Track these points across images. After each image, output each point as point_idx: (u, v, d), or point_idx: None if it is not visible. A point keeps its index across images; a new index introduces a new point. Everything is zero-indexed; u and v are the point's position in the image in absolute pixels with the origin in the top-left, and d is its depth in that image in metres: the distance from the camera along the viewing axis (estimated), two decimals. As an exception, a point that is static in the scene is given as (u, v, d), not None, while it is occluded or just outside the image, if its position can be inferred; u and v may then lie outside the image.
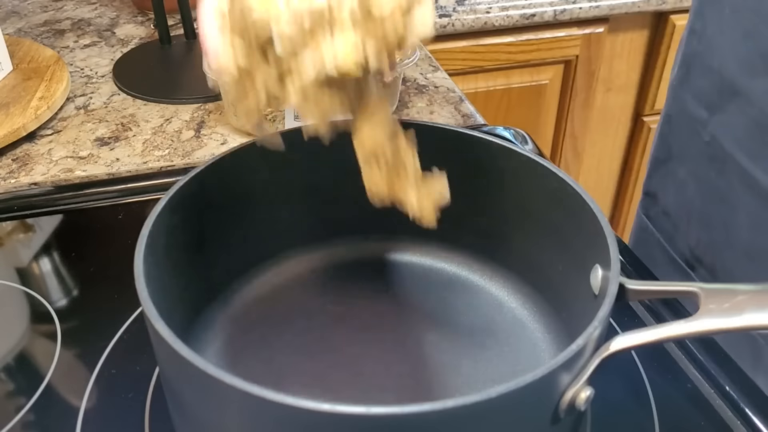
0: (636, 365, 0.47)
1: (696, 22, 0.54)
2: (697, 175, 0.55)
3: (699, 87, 0.54)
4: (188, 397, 0.36)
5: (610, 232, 0.38)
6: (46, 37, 0.90)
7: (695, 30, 0.54)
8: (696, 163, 0.54)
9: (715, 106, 0.52)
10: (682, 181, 0.57)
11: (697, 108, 0.54)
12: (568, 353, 0.32)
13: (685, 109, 0.55)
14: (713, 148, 0.52)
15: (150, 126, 0.73)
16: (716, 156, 0.52)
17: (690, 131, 0.55)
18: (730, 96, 0.50)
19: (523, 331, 0.47)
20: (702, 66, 0.53)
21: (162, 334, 0.33)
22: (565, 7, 1.14)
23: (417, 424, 0.30)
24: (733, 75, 0.49)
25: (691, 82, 0.55)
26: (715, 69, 0.51)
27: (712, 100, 0.52)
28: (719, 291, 0.35)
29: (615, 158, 1.40)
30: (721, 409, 0.44)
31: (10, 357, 0.48)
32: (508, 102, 1.24)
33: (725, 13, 0.50)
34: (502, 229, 0.48)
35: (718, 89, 0.51)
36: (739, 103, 0.49)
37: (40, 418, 0.44)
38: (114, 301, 0.52)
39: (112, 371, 0.47)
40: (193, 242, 0.44)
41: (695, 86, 0.54)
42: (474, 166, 0.47)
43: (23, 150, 0.69)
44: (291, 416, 0.30)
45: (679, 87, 0.56)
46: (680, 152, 0.57)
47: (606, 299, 0.35)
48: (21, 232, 0.60)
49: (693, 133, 0.54)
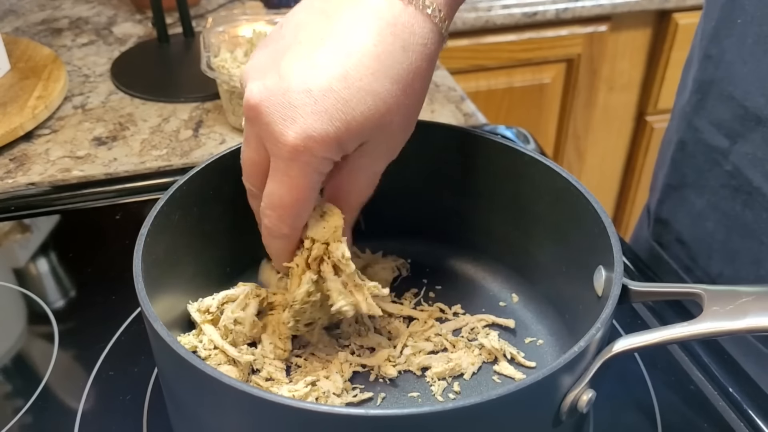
0: (639, 367, 0.47)
1: (711, 48, 0.52)
2: (718, 207, 0.53)
3: (717, 115, 0.52)
4: (187, 398, 0.35)
5: (613, 232, 0.38)
6: (43, 35, 0.90)
7: (711, 56, 0.52)
8: (717, 194, 0.52)
9: (737, 134, 0.50)
10: (700, 211, 0.55)
11: (715, 136, 0.52)
12: (570, 355, 0.31)
13: (702, 137, 0.53)
14: (737, 179, 0.50)
15: (148, 125, 0.73)
16: (741, 187, 0.50)
17: (708, 160, 0.53)
18: (754, 125, 0.48)
19: (526, 332, 0.47)
20: (720, 94, 0.51)
21: (161, 334, 0.32)
22: (567, 5, 1.14)
23: (417, 425, 0.30)
24: (758, 105, 0.47)
25: (707, 110, 0.53)
26: (737, 98, 0.49)
27: (734, 129, 0.50)
28: (723, 293, 0.35)
29: (618, 158, 1.40)
30: (724, 410, 0.44)
31: (7, 358, 0.48)
32: (510, 101, 1.23)
33: (747, 43, 0.48)
34: (504, 228, 0.48)
35: (740, 118, 0.49)
36: (764, 133, 0.47)
37: (37, 420, 0.44)
38: (112, 302, 0.51)
39: (110, 372, 0.46)
40: (192, 242, 0.44)
41: (713, 114, 0.52)
42: (476, 165, 0.47)
43: (20, 150, 0.69)
44: (289, 417, 0.30)
45: (694, 114, 0.54)
46: (697, 181, 0.55)
47: (609, 301, 0.34)
48: (18, 233, 0.60)
49: (712, 162, 0.53)
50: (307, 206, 0.37)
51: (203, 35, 0.71)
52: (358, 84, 0.34)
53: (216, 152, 0.47)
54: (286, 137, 0.34)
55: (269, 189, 0.36)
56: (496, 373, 0.44)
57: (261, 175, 0.37)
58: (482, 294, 0.49)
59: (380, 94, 0.34)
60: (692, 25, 0.56)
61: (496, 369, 0.44)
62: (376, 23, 0.34)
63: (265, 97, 0.34)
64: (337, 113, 0.34)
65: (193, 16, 0.89)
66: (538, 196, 0.44)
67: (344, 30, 0.34)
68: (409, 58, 0.35)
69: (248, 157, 0.38)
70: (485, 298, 0.49)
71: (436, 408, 0.29)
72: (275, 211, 0.37)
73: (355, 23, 0.34)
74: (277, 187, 0.36)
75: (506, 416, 0.32)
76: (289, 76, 0.34)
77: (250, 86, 0.35)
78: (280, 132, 0.34)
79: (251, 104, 0.35)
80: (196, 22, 0.90)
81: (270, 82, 0.34)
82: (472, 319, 0.47)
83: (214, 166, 0.44)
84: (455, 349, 0.45)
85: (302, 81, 0.34)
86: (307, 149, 0.34)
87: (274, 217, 0.37)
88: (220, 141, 0.71)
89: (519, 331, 0.47)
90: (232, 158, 0.44)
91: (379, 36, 0.34)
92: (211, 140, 0.71)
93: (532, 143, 0.71)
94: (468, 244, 0.50)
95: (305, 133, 0.33)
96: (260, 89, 0.34)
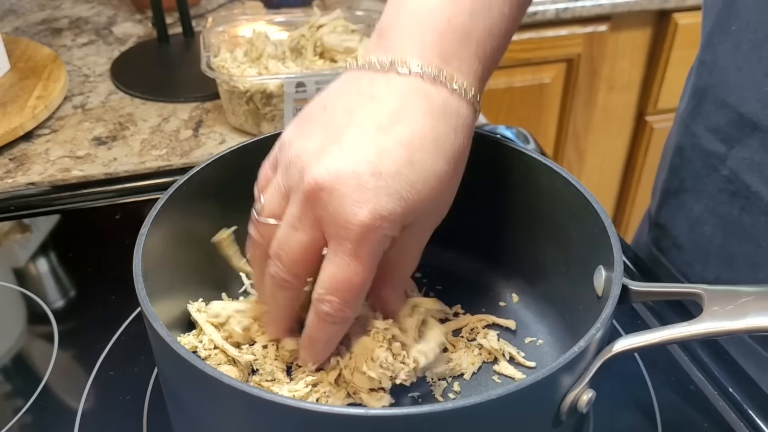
0: (639, 367, 0.47)
1: (706, 54, 0.52)
2: (716, 211, 0.53)
3: (713, 120, 0.52)
4: (187, 398, 0.35)
5: (613, 233, 0.38)
6: (43, 35, 0.90)
7: (705, 62, 0.52)
8: (714, 199, 0.52)
9: (734, 140, 0.50)
10: (697, 216, 0.55)
11: (712, 142, 0.52)
12: (570, 355, 0.31)
13: (699, 142, 0.53)
14: (734, 183, 0.50)
15: (148, 125, 0.73)
16: (738, 192, 0.50)
17: (705, 165, 0.53)
18: (750, 131, 0.48)
19: (526, 332, 0.47)
20: (716, 99, 0.51)
21: (161, 334, 0.32)
22: (567, 5, 1.14)
23: (417, 426, 0.30)
24: (754, 111, 0.47)
25: (703, 115, 0.53)
26: (731, 104, 0.49)
27: (730, 134, 0.50)
28: (723, 293, 0.35)
29: (618, 158, 1.40)
30: (724, 410, 0.44)
31: (7, 359, 0.48)
32: (510, 101, 1.23)
33: (742, 49, 0.48)
34: (505, 228, 0.48)
35: (736, 123, 0.49)
36: (761, 138, 0.48)
37: (37, 420, 0.44)
38: (112, 302, 0.51)
39: (110, 372, 0.46)
40: (192, 242, 0.44)
41: (709, 120, 0.52)
42: (476, 165, 0.46)
43: (20, 149, 0.69)
44: (289, 417, 0.30)
45: (691, 119, 0.54)
46: (695, 186, 0.55)
47: (609, 301, 0.34)
48: (18, 233, 0.60)
49: (709, 167, 0.53)
50: (368, 288, 0.37)
51: (203, 35, 0.71)
52: (421, 167, 0.35)
53: (216, 152, 0.47)
54: (358, 218, 0.34)
55: (330, 273, 0.35)
56: (496, 373, 0.44)
57: (311, 263, 0.37)
58: (482, 294, 0.49)
59: (439, 174, 0.36)
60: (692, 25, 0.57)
61: (496, 369, 0.44)
62: (429, 107, 0.36)
63: (336, 179, 0.34)
64: (405, 194, 0.35)
65: (193, 16, 0.89)
66: (538, 196, 0.44)
67: (401, 113, 0.35)
68: (459, 138, 0.37)
69: (298, 241, 0.36)
70: (485, 298, 0.49)
71: (436, 408, 0.29)
72: (341, 296, 0.36)
73: (410, 107, 0.36)
74: (343, 270, 0.35)
75: (506, 416, 0.32)
76: (356, 159, 0.34)
77: (314, 168, 0.34)
78: (352, 213, 0.34)
79: (320, 185, 0.34)
80: (196, 22, 0.90)
81: (337, 165, 0.34)
82: (472, 319, 0.47)
83: (214, 166, 0.44)
84: (455, 349, 0.45)
85: (372, 165, 0.34)
86: (378, 228, 0.34)
87: (337, 302, 0.36)
88: (220, 141, 0.71)
89: (519, 331, 0.47)
90: (232, 158, 0.44)
91: (433, 120, 0.36)
92: (211, 140, 0.71)
93: (532, 143, 0.71)
94: (468, 244, 0.50)
95: (378, 213, 0.34)
96: (328, 171, 0.34)
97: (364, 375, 0.39)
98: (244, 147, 0.45)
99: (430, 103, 0.36)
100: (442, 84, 0.36)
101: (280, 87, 0.66)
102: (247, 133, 0.71)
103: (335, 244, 0.35)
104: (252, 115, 0.68)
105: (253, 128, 0.70)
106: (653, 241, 0.62)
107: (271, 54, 0.70)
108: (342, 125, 0.36)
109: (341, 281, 0.35)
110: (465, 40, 0.38)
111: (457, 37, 0.37)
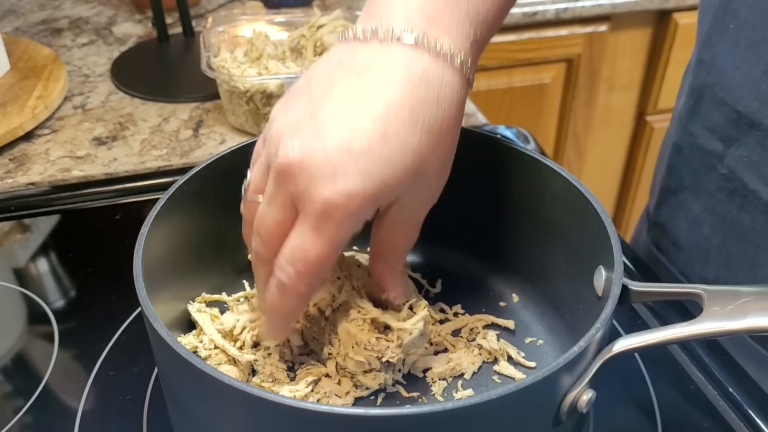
0: (639, 367, 0.47)
1: (704, 52, 0.52)
2: (714, 211, 0.52)
3: (711, 119, 0.52)
4: (187, 398, 0.35)
5: (613, 232, 0.38)
6: (43, 35, 0.90)
7: (703, 61, 0.52)
8: (713, 198, 0.52)
9: (731, 138, 0.50)
10: (696, 215, 0.55)
11: (710, 140, 0.52)
12: (570, 355, 0.31)
13: (697, 141, 0.53)
14: (732, 182, 0.50)
15: (148, 125, 0.73)
16: (736, 191, 0.50)
17: (704, 164, 0.53)
18: (748, 129, 0.48)
19: (526, 332, 0.47)
20: (713, 98, 0.51)
21: (161, 334, 0.32)
22: (567, 5, 1.14)
23: (417, 426, 0.30)
24: (751, 109, 0.47)
25: (701, 114, 0.53)
26: (729, 102, 0.49)
27: (728, 133, 0.50)
28: (723, 293, 0.35)
29: (618, 158, 1.40)
30: (724, 410, 0.44)
31: (7, 358, 0.48)
32: (510, 101, 1.23)
33: (740, 48, 0.48)
34: (504, 228, 0.48)
35: (734, 122, 0.49)
36: (758, 136, 0.47)
37: (37, 420, 0.44)
38: (112, 302, 0.51)
39: (110, 373, 0.46)
40: (192, 242, 0.44)
41: (707, 118, 0.52)
42: (476, 165, 0.46)
43: (20, 150, 0.69)
44: (289, 417, 0.30)
45: (689, 119, 0.54)
46: (694, 186, 0.55)
47: (609, 301, 0.34)
48: (18, 233, 0.60)
49: (707, 166, 0.53)
50: (328, 266, 0.36)
51: (203, 35, 0.71)
52: (396, 140, 0.34)
53: (216, 152, 0.47)
54: (324, 194, 0.33)
55: (293, 243, 0.35)
56: (496, 373, 0.44)
57: (282, 237, 0.36)
58: (482, 294, 0.49)
59: (416, 148, 0.35)
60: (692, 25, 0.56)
61: (496, 369, 0.44)
62: (408, 76, 0.35)
63: (306, 155, 0.34)
64: (377, 171, 0.34)
65: (193, 16, 0.89)
66: (538, 196, 0.44)
67: (378, 85, 0.35)
68: (442, 107, 0.35)
69: (272, 217, 0.36)
70: (485, 298, 0.49)
71: (436, 408, 0.29)
72: (295, 267, 0.35)
73: (387, 77, 0.35)
74: (301, 242, 0.35)
75: (506, 416, 0.32)
76: (328, 134, 0.34)
77: (287, 143, 0.34)
78: (317, 189, 0.33)
79: (290, 161, 0.34)
80: (196, 22, 0.90)
81: (309, 141, 0.34)
82: (471, 319, 0.47)
83: (214, 166, 0.44)
84: (455, 349, 0.45)
85: (343, 140, 0.34)
86: (343, 206, 0.33)
87: (293, 273, 0.35)
88: (220, 141, 0.71)
89: (519, 331, 0.47)
90: (232, 158, 0.44)
91: (412, 89, 0.34)
92: (211, 140, 0.71)
93: (532, 143, 0.71)
94: (468, 245, 0.50)
95: (344, 191, 0.33)
96: (300, 147, 0.34)
97: (354, 360, 0.40)
98: (244, 147, 0.45)
99: (408, 70, 0.35)
100: (424, 49, 0.35)
101: (280, 87, 0.66)
102: (247, 133, 0.71)
103: (301, 218, 0.35)
104: (252, 115, 0.68)
105: (253, 128, 0.70)
106: (652, 241, 0.62)
107: (271, 54, 0.70)
108: (319, 100, 0.35)
109: (298, 253, 0.35)
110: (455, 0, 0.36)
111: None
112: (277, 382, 0.42)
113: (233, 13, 0.77)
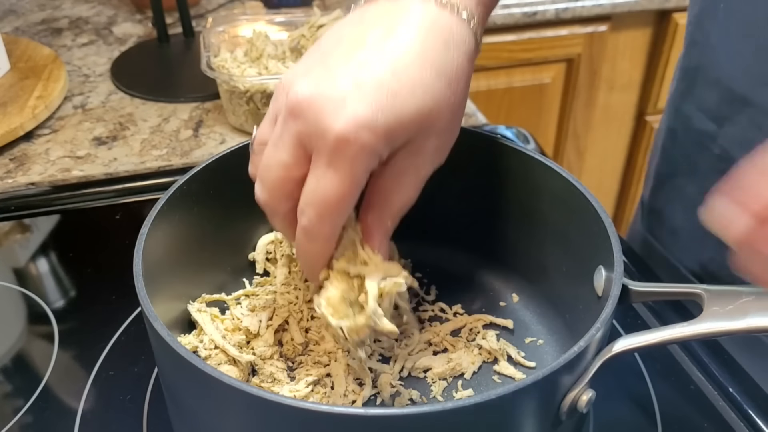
0: (639, 367, 0.47)
1: (696, 33, 0.53)
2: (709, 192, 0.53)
3: (704, 99, 0.52)
4: (187, 398, 0.35)
5: (613, 232, 0.38)
6: (43, 35, 0.90)
7: (696, 41, 0.53)
8: (707, 179, 0.53)
9: (724, 118, 0.50)
10: (691, 198, 0.55)
11: (703, 121, 0.52)
12: (570, 355, 0.31)
13: (690, 123, 0.54)
14: (726, 162, 0.51)
15: (148, 125, 0.73)
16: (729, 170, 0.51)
17: (697, 145, 0.54)
18: (741, 107, 0.49)
19: (526, 332, 0.47)
20: (706, 78, 0.52)
21: (161, 334, 0.32)
22: (567, 5, 1.14)
23: (417, 426, 0.30)
24: (744, 87, 0.48)
25: (695, 95, 0.53)
26: (722, 81, 0.50)
27: (721, 112, 0.51)
28: (723, 293, 0.35)
29: (618, 158, 1.40)
30: (724, 410, 0.44)
31: (7, 358, 0.48)
32: (510, 101, 1.23)
33: (731, 28, 0.48)
34: (505, 228, 0.48)
35: (727, 101, 0.50)
36: (750, 114, 0.48)
37: (37, 420, 0.44)
38: (112, 302, 0.51)
39: (110, 373, 0.46)
40: (192, 242, 0.44)
41: (700, 99, 0.53)
42: (476, 164, 0.46)
43: (20, 150, 0.69)
44: (289, 417, 0.30)
45: (681, 100, 0.55)
46: (688, 168, 0.55)
47: (609, 301, 0.34)
48: (18, 233, 0.60)
49: (701, 147, 0.53)
50: (350, 204, 0.35)
51: (203, 35, 0.71)
52: (406, 76, 0.34)
53: (216, 152, 0.47)
54: (335, 125, 0.33)
55: (310, 186, 0.34)
56: (496, 373, 0.44)
57: (292, 183, 0.35)
58: (482, 294, 0.49)
59: (427, 86, 0.35)
60: (692, 25, 0.57)
61: (496, 369, 0.44)
62: (416, 22, 0.35)
63: (314, 91, 0.33)
64: (387, 104, 0.33)
65: (193, 16, 0.89)
66: (538, 196, 0.44)
67: (388, 31, 0.35)
68: (451, 54, 0.36)
69: (277, 160, 0.35)
70: (485, 298, 0.49)
71: (436, 408, 0.29)
72: (316, 209, 0.35)
73: (396, 24, 0.35)
74: (318, 183, 0.34)
75: (506, 416, 0.32)
76: (337, 72, 0.34)
77: (296, 85, 0.34)
78: (329, 122, 0.33)
79: (299, 98, 0.34)
80: (196, 22, 0.90)
81: (319, 80, 0.34)
82: (471, 319, 0.47)
83: (214, 166, 0.44)
84: (455, 349, 0.45)
85: (352, 76, 0.34)
86: (356, 139, 0.33)
87: (313, 215, 0.35)
88: (220, 141, 0.71)
89: (519, 331, 0.47)
90: (232, 158, 0.44)
91: (421, 33, 0.35)
92: (211, 140, 0.71)
93: (532, 143, 0.71)
94: (468, 244, 0.50)
95: (355, 121, 0.33)
96: (309, 86, 0.34)
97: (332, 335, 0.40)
98: (244, 147, 0.45)
99: (417, 18, 0.35)
100: (431, 3, 0.36)
101: (280, 87, 0.66)
102: (247, 133, 0.71)
103: (315, 158, 0.34)
104: (252, 115, 0.68)
105: (253, 128, 0.69)
106: (647, 228, 0.62)
107: (271, 54, 0.70)
108: (330, 49, 0.36)
109: (317, 194, 0.34)
110: None
111: None
112: (277, 382, 0.42)
113: (233, 13, 0.77)
